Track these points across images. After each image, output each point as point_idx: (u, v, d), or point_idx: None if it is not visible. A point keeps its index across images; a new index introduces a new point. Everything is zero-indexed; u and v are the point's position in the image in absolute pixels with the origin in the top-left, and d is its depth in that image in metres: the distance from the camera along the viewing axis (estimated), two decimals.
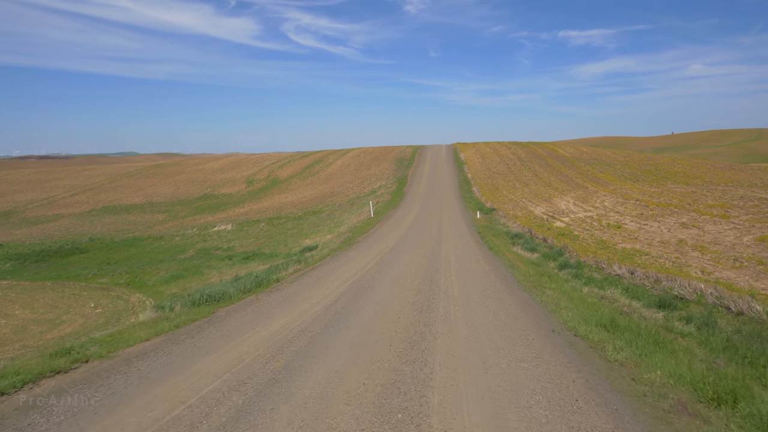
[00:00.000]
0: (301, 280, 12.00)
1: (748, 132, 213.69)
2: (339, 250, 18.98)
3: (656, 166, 53.30)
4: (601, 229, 23.28)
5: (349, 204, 45.94)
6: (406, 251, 17.04)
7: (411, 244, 18.73)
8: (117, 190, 79.08)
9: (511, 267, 13.99)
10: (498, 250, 17.62)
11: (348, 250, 18.66)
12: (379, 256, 16.02)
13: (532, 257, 17.08)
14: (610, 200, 35.20)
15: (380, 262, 14.65)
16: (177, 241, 41.17)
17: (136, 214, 58.10)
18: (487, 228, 24.90)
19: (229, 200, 59.76)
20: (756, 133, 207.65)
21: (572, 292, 10.45)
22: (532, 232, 23.03)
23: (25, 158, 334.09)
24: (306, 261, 16.77)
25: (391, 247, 18.14)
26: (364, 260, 15.26)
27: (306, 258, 17.97)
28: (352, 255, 16.88)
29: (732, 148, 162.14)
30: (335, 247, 20.27)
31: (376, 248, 18.22)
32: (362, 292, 10.22)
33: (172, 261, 33.78)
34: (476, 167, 57.97)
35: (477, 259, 15.26)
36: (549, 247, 19.38)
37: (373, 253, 16.85)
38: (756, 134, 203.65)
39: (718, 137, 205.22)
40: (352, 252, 17.77)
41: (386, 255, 16.32)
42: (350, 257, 16.34)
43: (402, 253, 16.73)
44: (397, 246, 18.49)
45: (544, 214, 30.10)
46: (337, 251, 18.59)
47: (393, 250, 17.54)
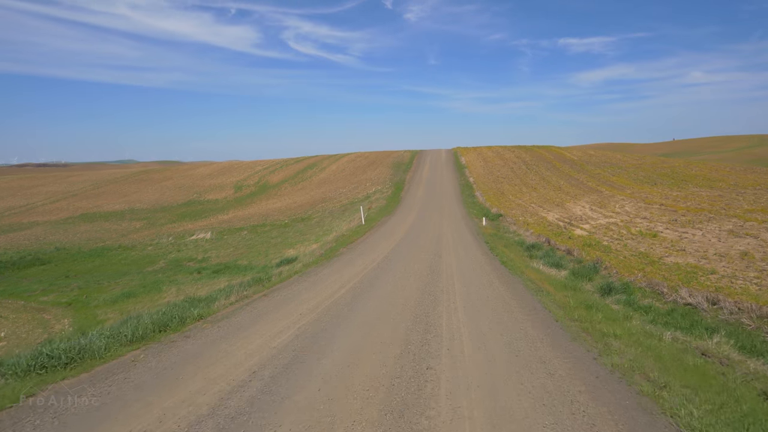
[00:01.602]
0: (231, 319, 8.08)
1: (750, 138, 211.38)
2: (314, 265, 15.08)
3: (672, 170, 49.58)
4: (632, 237, 19.40)
5: (341, 210, 42.12)
6: (397, 268, 13.16)
7: (404, 259, 14.85)
8: (100, 197, 75.21)
9: (538, 292, 10.12)
10: (514, 265, 13.74)
11: (324, 265, 14.77)
12: (360, 276, 12.12)
13: (560, 275, 13.17)
14: (632, 205, 31.38)
15: (358, 286, 10.74)
16: (149, 251, 37.20)
17: (113, 222, 54.16)
18: (495, 237, 21.03)
19: (214, 207, 55.88)
20: (758, 139, 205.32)
21: (651, 343, 6.55)
22: (550, 242, 19.15)
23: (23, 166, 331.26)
24: (264, 282, 12.87)
25: (379, 263, 14.24)
26: (337, 282, 11.36)
27: (270, 276, 14.08)
28: (325, 274, 12.98)
29: (735, 154, 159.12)
30: (310, 261, 16.36)
31: (359, 263, 14.33)
32: (307, 354, 6.23)
33: (136, 274, 29.83)
34: (478, 171, 54.21)
35: (490, 281, 11.36)
36: (577, 262, 15.48)
37: (353, 271, 12.96)
38: (758, 140, 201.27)
39: (720, 143, 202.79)
40: (327, 269, 13.86)
41: (369, 274, 12.42)
42: (321, 277, 12.44)
43: (390, 271, 12.84)
44: (386, 261, 14.60)
45: (560, 221, 26.22)
46: (311, 267, 14.70)
47: (380, 266, 13.64)
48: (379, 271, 12.85)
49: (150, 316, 7.78)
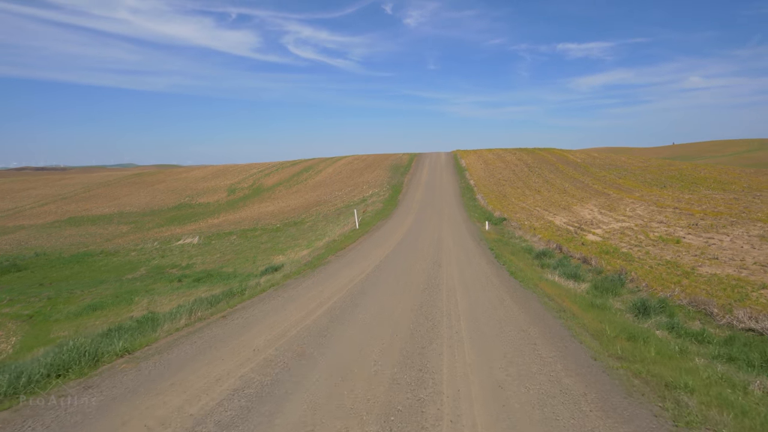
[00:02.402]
0: (164, 356, 6.13)
1: (750, 142, 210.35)
2: (295, 275, 13.16)
3: (680, 172, 47.79)
4: (653, 244, 17.49)
5: (336, 214, 40.21)
6: (388, 281, 11.24)
7: (398, 269, 12.93)
8: (90, 200, 73.19)
9: (561, 313, 8.20)
10: (525, 277, 11.82)
11: (307, 276, 12.85)
12: (344, 291, 10.19)
13: (580, 289, 11.25)
14: (643, 208, 29.51)
15: (338, 306, 8.81)
16: (132, 257, 35.21)
17: (100, 226, 52.14)
18: (500, 243, 19.11)
19: (205, 210, 53.90)
20: (758, 143, 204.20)
21: (738, 401, 4.61)
22: (562, 249, 17.23)
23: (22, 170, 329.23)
24: (235, 296, 10.94)
25: (369, 274, 12.32)
26: (314, 300, 9.42)
27: (244, 289, 12.16)
28: (305, 287, 11.04)
29: (736, 158, 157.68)
30: (292, 271, 14.43)
31: (346, 275, 12.40)
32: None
33: (114, 282, 27.84)
34: (479, 173, 52.37)
35: (499, 297, 9.44)
36: (596, 272, 13.55)
37: (337, 285, 11.02)
38: (758, 144, 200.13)
39: (720, 147, 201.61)
40: (309, 281, 11.93)
41: (356, 288, 10.49)
42: (300, 292, 10.51)
43: (381, 284, 10.91)
44: (377, 271, 12.68)
45: (569, 225, 24.32)
46: (292, 278, 12.77)
47: (369, 278, 11.71)
48: (368, 284, 10.91)
49: (56, 352, 5.84)
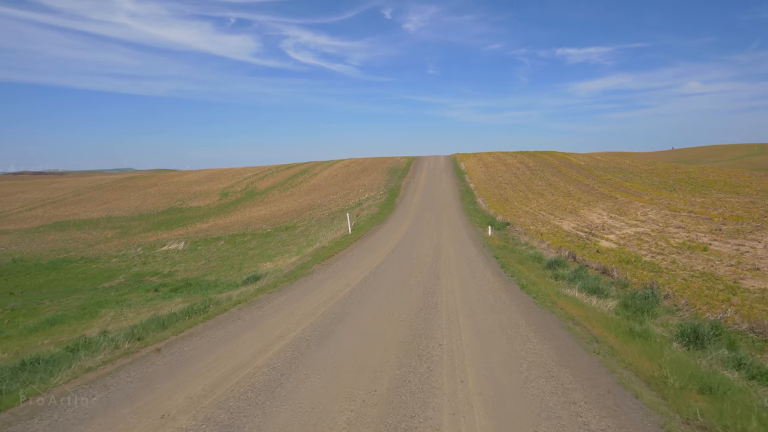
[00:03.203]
0: (35, 424, 4.20)
1: (750, 147, 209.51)
2: (270, 290, 11.26)
3: (687, 175, 46.05)
4: (678, 251, 15.63)
5: (330, 218, 38.33)
6: (376, 299, 9.35)
7: (390, 281, 11.04)
8: (79, 204, 71.20)
9: (594, 345, 6.33)
10: (538, 292, 9.94)
11: (284, 290, 10.95)
12: (320, 313, 8.29)
13: (606, 308, 9.35)
14: (655, 212, 27.68)
15: (306, 338, 6.91)
16: (112, 264, 33.23)
17: (85, 231, 50.13)
18: (505, 250, 17.22)
19: (195, 214, 51.95)
20: (758, 148, 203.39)
21: None
22: (576, 257, 15.35)
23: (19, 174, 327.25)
24: (197, 314, 9.04)
25: (354, 288, 10.42)
26: (279, 327, 7.53)
27: (207, 306, 10.23)
28: (274, 307, 9.15)
29: (737, 163, 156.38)
30: (266, 284, 12.52)
31: (327, 289, 10.51)
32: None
33: (88, 291, 25.88)
34: (479, 177, 50.58)
35: (514, 322, 7.55)
36: (620, 285, 11.65)
37: (313, 303, 9.13)
38: (758, 149, 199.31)
39: (719, 152, 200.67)
40: (282, 297, 10.03)
41: (334, 309, 8.60)
42: (265, 313, 8.62)
43: (366, 304, 9.02)
44: (364, 285, 10.79)
45: (579, 230, 22.46)
46: (265, 293, 10.88)
47: (353, 294, 9.82)
48: (351, 303, 9.01)
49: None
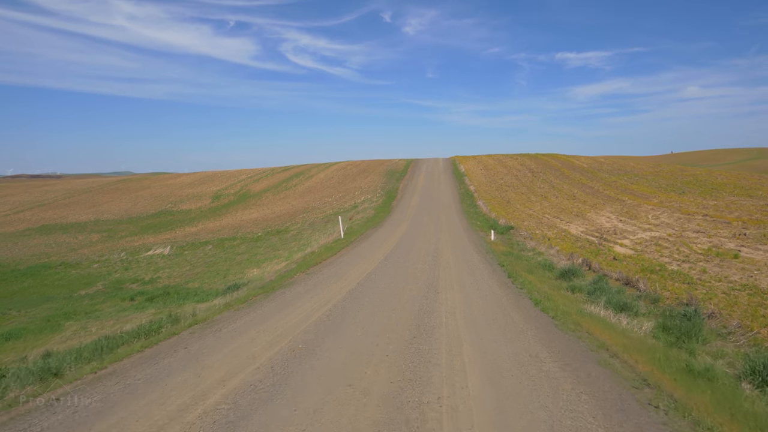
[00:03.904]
0: None
1: (749, 151, 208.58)
2: (236, 306, 9.60)
3: (695, 177, 44.53)
4: (704, 259, 13.98)
5: (324, 221, 36.66)
6: (360, 321, 7.69)
7: (379, 296, 9.38)
8: (69, 207, 69.40)
9: (646, 392, 4.69)
10: (556, 309, 8.30)
11: (255, 305, 9.30)
12: (284, 343, 6.63)
13: (642, 331, 7.69)
14: (667, 215, 26.07)
15: (256, 388, 5.25)
16: (93, 270, 31.47)
17: (71, 234, 48.34)
18: (511, 256, 15.56)
19: (186, 217, 50.22)
20: (757, 152, 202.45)
21: None
22: (591, 265, 13.69)
23: (17, 177, 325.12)
24: (146, 336, 7.36)
25: (335, 305, 8.76)
26: (229, 364, 5.88)
27: (161, 326, 8.55)
28: (234, 330, 7.49)
29: (737, 167, 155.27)
30: (235, 299, 10.85)
31: (302, 307, 8.84)
32: None
33: (62, 299, 24.15)
34: (479, 179, 49.01)
35: (534, 354, 5.90)
36: (650, 299, 9.99)
37: (282, 326, 7.47)
38: (757, 153, 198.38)
39: (719, 156, 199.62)
40: (250, 316, 8.37)
41: (302, 339, 6.94)
42: (218, 341, 6.95)
43: (347, 329, 7.36)
44: (348, 301, 9.12)
45: (589, 235, 20.82)
46: (232, 308, 9.22)
47: (332, 315, 8.16)
48: (326, 329, 7.34)
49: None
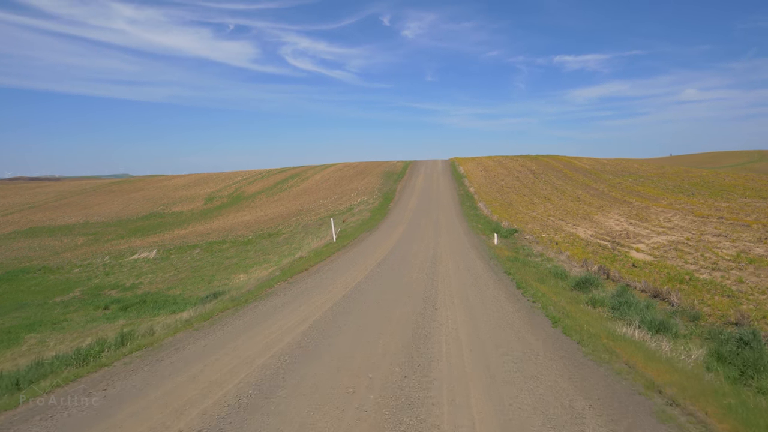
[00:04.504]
0: None
1: (749, 154, 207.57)
2: (195, 324, 8.08)
3: (701, 179, 43.16)
4: (736, 266, 12.48)
5: (318, 224, 35.11)
6: (339, 351, 6.17)
7: (366, 315, 7.85)
8: (59, 209, 67.79)
9: None
10: (581, 331, 6.79)
11: (218, 324, 7.79)
12: (239, 379, 5.09)
13: (691, 361, 6.17)
14: (679, 218, 24.59)
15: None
16: (73, 275, 29.87)
17: (57, 237, 46.73)
18: (517, 262, 14.04)
19: (176, 220, 48.66)
20: (757, 154, 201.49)
21: None
22: (609, 273, 12.18)
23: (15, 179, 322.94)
24: (88, 359, 5.81)
25: (314, 324, 7.23)
26: (152, 420, 4.28)
27: (99, 351, 7.04)
28: (182, 360, 5.96)
29: (738, 169, 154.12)
30: (201, 314, 9.33)
31: (275, 325, 7.32)
32: None
33: (35, 307, 22.58)
34: (479, 180, 47.57)
35: (565, 402, 4.37)
36: (687, 316, 8.48)
37: (246, 353, 5.95)
38: (758, 156, 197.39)
39: (719, 159, 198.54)
40: (211, 336, 6.85)
41: (264, 372, 5.39)
42: (164, 369, 5.40)
43: (321, 361, 5.84)
44: (330, 316, 7.59)
45: (600, 239, 19.31)
46: (187, 329, 7.70)
47: (309, 336, 6.63)
48: (295, 361, 5.81)
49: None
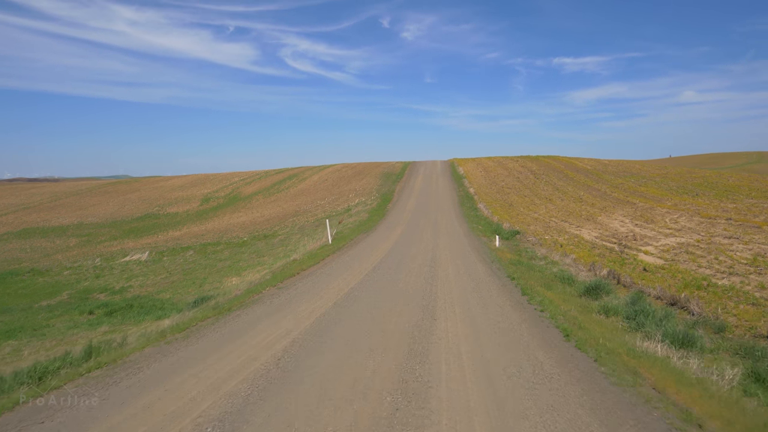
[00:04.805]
0: None
1: (749, 155, 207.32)
2: (162, 341, 7.30)
3: (705, 180, 42.46)
4: (757, 271, 11.73)
5: (314, 225, 34.35)
6: (324, 372, 5.40)
7: (358, 325, 7.10)
8: (54, 210, 66.97)
9: None
10: (597, 345, 6.05)
11: (192, 339, 7.06)
12: (198, 414, 4.28)
13: (727, 384, 5.39)
14: (685, 219, 23.85)
15: None
16: (62, 277, 29.06)
17: (50, 239, 45.91)
18: (521, 266, 13.28)
19: (172, 221, 47.87)
20: (757, 156, 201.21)
21: None
22: (619, 279, 11.42)
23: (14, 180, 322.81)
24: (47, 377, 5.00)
25: (296, 338, 6.47)
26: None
27: (36, 377, 6.28)
28: (129, 390, 5.16)
29: (738, 170, 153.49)
30: (169, 327, 8.57)
31: (253, 341, 6.56)
32: None
33: (19, 311, 21.75)
34: (479, 181, 46.83)
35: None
36: (711, 327, 7.72)
37: (209, 380, 5.19)
38: (757, 157, 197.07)
39: (718, 160, 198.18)
40: (177, 356, 6.10)
41: (233, 400, 4.59)
42: (100, 410, 4.60)
43: (304, 381, 5.04)
44: (318, 328, 6.84)
45: (605, 240, 18.56)
46: (155, 344, 6.93)
47: (290, 354, 5.87)
48: (270, 386, 5.05)
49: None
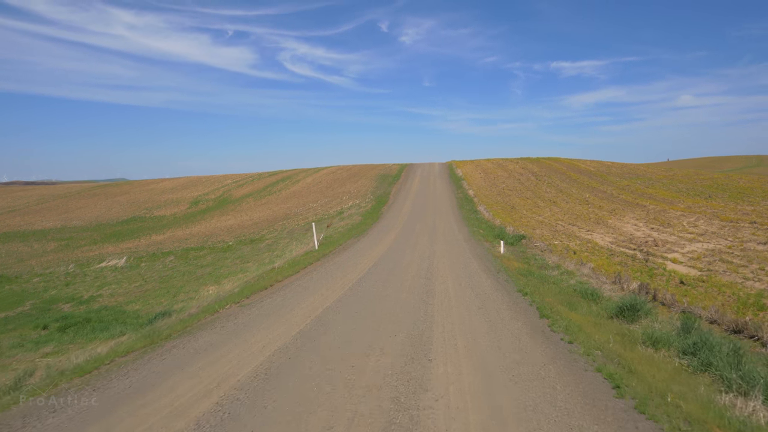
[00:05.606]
0: None
1: (748, 159, 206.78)
2: (69, 378, 5.24)
3: (714, 181, 40.71)
4: None
5: (304, 229, 32.33)
6: None
7: (322, 372, 5.06)
8: (39, 213, 64.75)
9: None
10: (669, 412, 4.02)
11: (105, 380, 4.96)
12: None
13: None
14: (705, 223, 21.95)
15: None
16: (31, 285, 26.94)
17: (28, 243, 43.73)
18: (532, 278, 11.31)
19: (157, 224, 45.78)
20: (756, 159, 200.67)
21: None
22: (655, 295, 9.48)
23: (11, 184, 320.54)
24: None
25: (242, 383, 4.41)
26: None
27: None
28: None
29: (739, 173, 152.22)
30: (81, 364, 6.48)
31: (183, 387, 4.47)
32: None
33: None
34: (479, 183, 44.95)
35: None
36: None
37: None
38: (756, 161, 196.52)
39: (716, 163, 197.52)
40: (74, 409, 3.98)
41: None
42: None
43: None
44: (267, 376, 4.80)
45: (622, 246, 16.61)
46: (57, 386, 4.86)
47: (226, 410, 3.78)
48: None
49: None
